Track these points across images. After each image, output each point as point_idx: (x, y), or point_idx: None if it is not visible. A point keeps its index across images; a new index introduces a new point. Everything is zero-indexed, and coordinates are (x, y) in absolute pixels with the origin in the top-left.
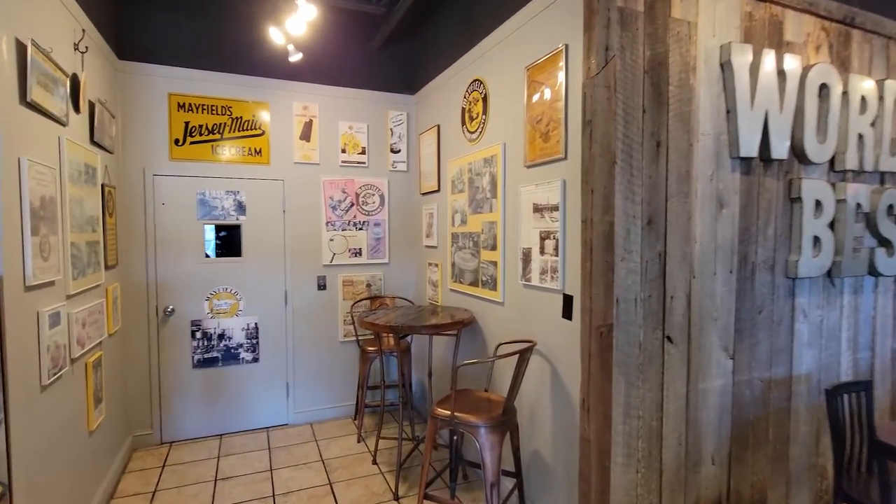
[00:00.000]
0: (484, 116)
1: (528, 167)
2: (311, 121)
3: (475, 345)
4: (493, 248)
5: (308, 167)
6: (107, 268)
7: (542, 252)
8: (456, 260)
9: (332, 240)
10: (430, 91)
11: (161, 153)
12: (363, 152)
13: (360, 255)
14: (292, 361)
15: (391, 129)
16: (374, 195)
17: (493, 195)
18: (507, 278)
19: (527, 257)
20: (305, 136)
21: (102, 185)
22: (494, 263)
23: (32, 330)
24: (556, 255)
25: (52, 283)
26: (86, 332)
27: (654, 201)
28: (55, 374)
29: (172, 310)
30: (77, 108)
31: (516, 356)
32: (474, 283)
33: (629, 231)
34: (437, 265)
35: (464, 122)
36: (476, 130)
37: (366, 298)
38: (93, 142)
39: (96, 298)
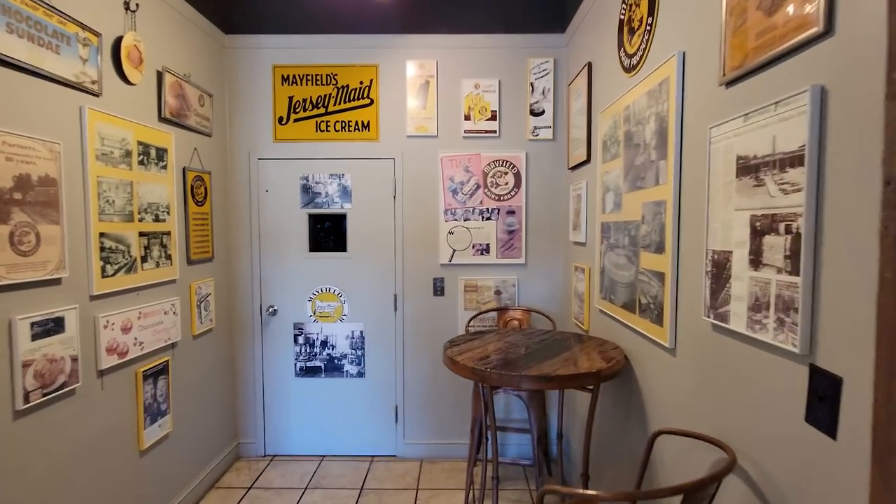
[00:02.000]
0: (650, 21)
1: (729, 84)
2: (427, 81)
3: (623, 406)
4: (660, 248)
5: (423, 141)
6: (190, 262)
7: (756, 262)
8: (606, 265)
9: (451, 232)
10: (584, 18)
11: (265, 134)
12: (493, 117)
13: (488, 252)
14: (402, 381)
15: (532, 84)
16: (506, 174)
17: (662, 153)
18: (681, 306)
19: (720, 270)
20: (421, 101)
21: (184, 170)
22: (660, 277)
23: None
24: (794, 273)
25: (49, 283)
26: (133, 338)
27: None
28: (47, 394)
29: (275, 310)
30: (125, 78)
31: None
32: (629, 307)
33: None
34: (583, 270)
35: (621, 45)
36: (638, 50)
37: (492, 310)
38: (162, 119)
39: (164, 297)
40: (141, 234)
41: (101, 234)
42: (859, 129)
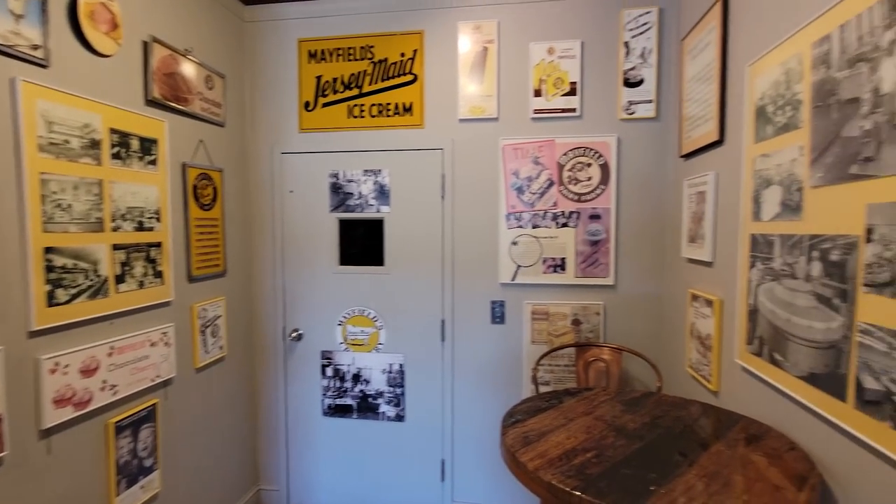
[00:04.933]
0: None
1: None
2: (485, 49)
3: None
4: None
5: (480, 126)
6: (191, 279)
7: None
8: (763, 302)
9: (515, 243)
10: None
11: (289, 124)
12: (572, 91)
13: (563, 269)
14: (451, 429)
15: (626, 45)
16: (589, 166)
17: None
18: None
19: None
20: (477, 75)
21: (184, 166)
22: None
23: None
24: None
25: None
26: (101, 382)
27: None
28: None
29: (300, 334)
30: (90, 46)
31: None
32: (828, 387)
33: None
34: (710, 302)
35: None
36: None
37: (569, 345)
38: (151, 102)
39: (151, 324)
40: (116, 248)
41: (49, 250)
42: None
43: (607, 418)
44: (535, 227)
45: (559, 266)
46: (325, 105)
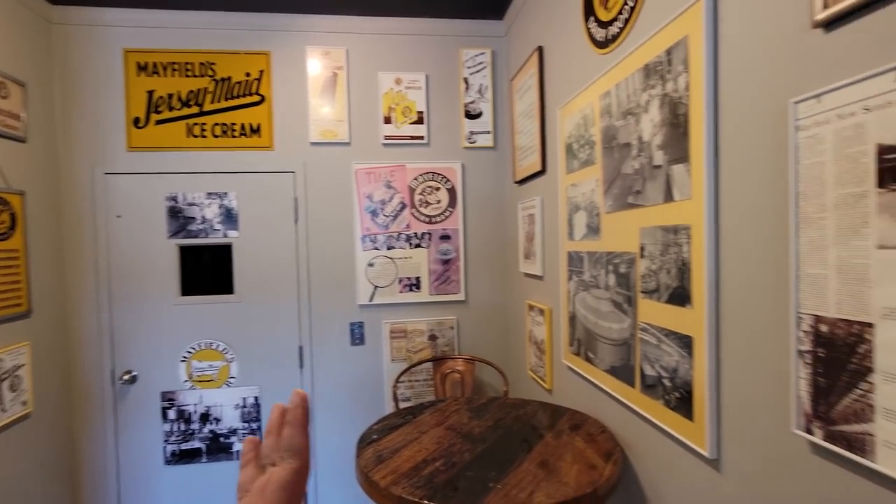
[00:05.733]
0: None
1: (829, 26)
2: (334, 75)
3: None
4: (681, 298)
5: (332, 150)
6: None
7: None
8: (578, 309)
9: (371, 264)
10: (528, 2)
11: (115, 141)
12: (419, 120)
13: (418, 287)
14: (312, 460)
15: (466, 80)
16: (438, 189)
17: (678, 153)
18: (731, 398)
19: (843, 356)
20: (328, 99)
21: None
22: (685, 343)
23: None
24: None
25: None
26: None
27: None
28: None
29: (134, 376)
30: None
31: None
32: (622, 375)
33: None
34: (542, 311)
35: (589, 13)
36: (620, 13)
37: (426, 361)
38: None
39: None
40: None
41: None
42: None
43: (457, 426)
44: (390, 248)
45: (414, 285)
46: (158, 122)
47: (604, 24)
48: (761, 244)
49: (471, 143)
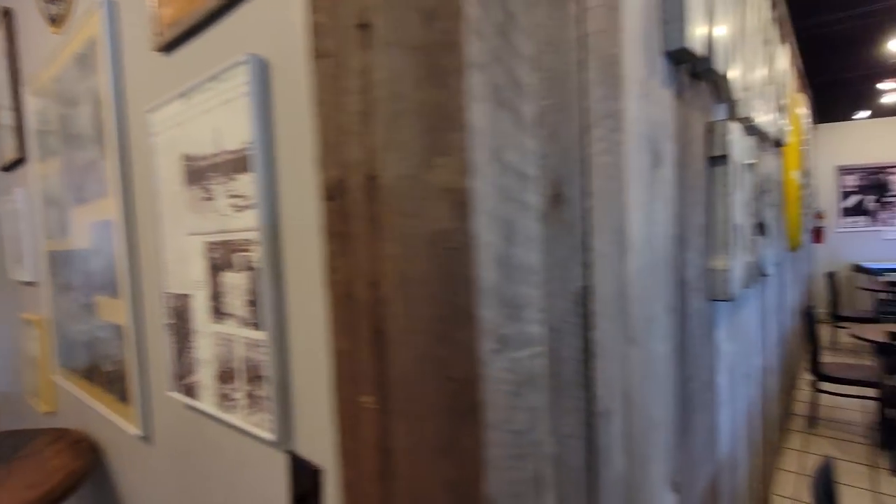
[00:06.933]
0: None
1: (169, 48)
2: None
3: None
4: (115, 290)
5: None
6: None
7: (218, 310)
8: (59, 315)
9: None
10: None
11: None
12: None
13: None
14: None
15: None
16: None
17: (103, 150)
18: (149, 376)
19: (182, 322)
20: None
21: None
22: (119, 332)
23: None
24: (259, 326)
25: None
26: None
27: (562, 136)
28: None
29: None
30: None
31: None
32: (90, 376)
33: (513, 233)
34: (35, 324)
35: None
36: None
37: None
38: None
39: None
40: None
41: None
42: (302, 119)
43: None
44: None
45: None
46: None
47: (52, 0)
48: (151, 235)
49: None
